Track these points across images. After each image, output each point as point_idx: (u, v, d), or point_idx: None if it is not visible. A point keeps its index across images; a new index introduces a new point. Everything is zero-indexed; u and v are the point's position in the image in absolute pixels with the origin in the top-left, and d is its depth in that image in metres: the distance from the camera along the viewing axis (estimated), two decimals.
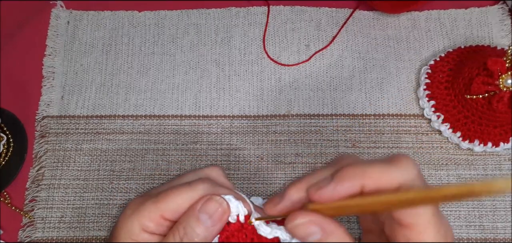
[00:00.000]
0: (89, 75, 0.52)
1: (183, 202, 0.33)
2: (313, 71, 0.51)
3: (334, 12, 0.54)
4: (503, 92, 0.44)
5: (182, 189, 0.34)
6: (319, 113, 0.50)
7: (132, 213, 0.34)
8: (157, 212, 0.33)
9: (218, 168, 0.38)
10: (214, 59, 0.52)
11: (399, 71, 0.51)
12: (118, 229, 0.35)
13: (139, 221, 0.34)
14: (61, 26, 0.54)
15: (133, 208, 0.35)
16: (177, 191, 0.34)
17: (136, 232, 0.34)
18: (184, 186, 0.34)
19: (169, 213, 0.33)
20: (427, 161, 0.48)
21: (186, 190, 0.34)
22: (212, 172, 0.37)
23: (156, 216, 0.33)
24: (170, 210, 0.33)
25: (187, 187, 0.34)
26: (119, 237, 0.34)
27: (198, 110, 0.50)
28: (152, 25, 0.54)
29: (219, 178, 0.37)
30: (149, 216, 0.33)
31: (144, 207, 0.34)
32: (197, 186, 0.34)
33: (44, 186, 0.47)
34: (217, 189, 0.34)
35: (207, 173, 0.37)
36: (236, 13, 0.54)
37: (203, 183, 0.34)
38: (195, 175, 0.37)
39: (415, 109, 0.50)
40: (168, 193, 0.34)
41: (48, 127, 0.50)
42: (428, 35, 0.53)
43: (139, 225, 0.34)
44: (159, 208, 0.33)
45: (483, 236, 0.45)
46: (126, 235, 0.34)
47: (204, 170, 0.38)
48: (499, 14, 0.53)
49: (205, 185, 0.34)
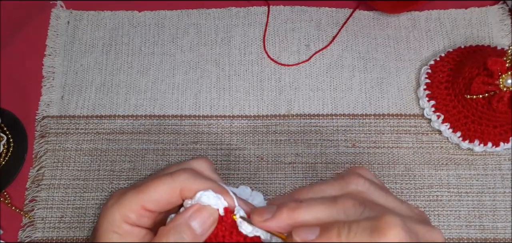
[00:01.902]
0: (89, 75, 0.52)
1: (164, 192, 0.33)
2: (313, 71, 0.51)
3: (334, 12, 0.54)
4: (503, 92, 0.43)
5: (163, 179, 0.34)
6: (319, 113, 0.50)
7: (114, 203, 0.34)
8: (138, 202, 0.33)
9: (205, 161, 0.38)
10: (214, 59, 0.52)
11: (399, 71, 0.51)
12: (101, 219, 0.35)
13: (120, 211, 0.34)
14: (61, 26, 0.54)
15: (115, 198, 0.34)
16: (158, 181, 0.34)
17: (117, 223, 0.34)
18: (166, 176, 0.34)
19: (150, 204, 0.33)
20: (427, 161, 0.48)
21: (167, 180, 0.34)
22: (198, 164, 0.37)
23: (137, 207, 0.33)
24: (151, 200, 0.33)
25: (168, 178, 0.34)
26: (101, 227, 0.34)
27: (198, 110, 0.50)
28: (152, 25, 0.54)
29: (204, 170, 0.37)
30: (131, 207, 0.33)
31: (126, 197, 0.34)
32: (178, 176, 0.34)
33: (44, 186, 0.47)
34: (197, 181, 0.34)
35: (191, 165, 0.37)
36: (236, 13, 0.54)
37: (184, 173, 0.34)
38: (179, 167, 0.37)
39: (415, 109, 0.50)
40: (149, 184, 0.34)
41: (48, 127, 0.50)
42: (428, 35, 0.53)
43: (120, 215, 0.33)
44: (141, 199, 0.33)
45: (483, 236, 0.45)
46: (107, 226, 0.34)
47: (190, 162, 0.37)
48: (499, 14, 0.53)
49: (186, 175, 0.34)
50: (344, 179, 0.33)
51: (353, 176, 0.33)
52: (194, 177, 0.34)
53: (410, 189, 0.47)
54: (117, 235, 0.34)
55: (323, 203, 0.31)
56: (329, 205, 0.30)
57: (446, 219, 0.46)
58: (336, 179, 0.33)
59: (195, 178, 0.34)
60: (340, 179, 0.33)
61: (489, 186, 0.47)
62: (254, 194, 0.38)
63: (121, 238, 0.34)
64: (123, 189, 0.35)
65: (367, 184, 0.33)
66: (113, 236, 0.34)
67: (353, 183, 0.32)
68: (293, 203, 0.31)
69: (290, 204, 0.31)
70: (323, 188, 0.33)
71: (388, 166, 0.48)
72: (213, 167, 0.38)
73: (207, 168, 0.37)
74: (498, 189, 0.47)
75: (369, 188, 0.32)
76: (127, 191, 0.34)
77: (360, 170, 0.34)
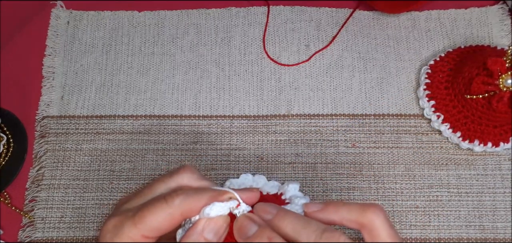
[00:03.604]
0: (89, 75, 0.52)
1: (163, 220, 0.32)
2: (313, 71, 0.51)
3: (334, 12, 0.54)
4: (503, 92, 0.43)
5: (158, 206, 0.33)
6: (319, 113, 0.50)
7: (113, 237, 0.33)
8: (137, 233, 0.32)
9: (189, 170, 0.37)
10: (214, 59, 0.52)
11: (399, 71, 0.51)
12: None
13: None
14: (61, 26, 0.54)
15: (112, 232, 0.33)
16: (154, 209, 0.33)
17: None
18: (160, 203, 0.33)
19: (150, 232, 0.33)
20: (427, 161, 0.48)
21: (163, 207, 0.33)
22: (184, 178, 0.36)
23: (137, 237, 0.33)
24: (151, 229, 0.33)
25: (163, 204, 0.33)
26: None
27: (198, 110, 0.50)
28: (152, 25, 0.54)
29: (193, 182, 0.36)
30: (131, 237, 0.33)
31: (124, 229, 0.33)
32: (173, 201, 0.33)
33: (44, 186, 0.47)
34: (195, 198, 0.33)
35: (178, 182, 0.36)
36: (236, 13, 0.54)
37: (178, 197, 0.33)
38: (166, 187, 0.36)
39: (415, 109, 0.50)
40: (145, 213, 0.33)
41: (48, 127, 0.50)
42: (428, 35, 0.53)
43: None
44: (139, 229, 0.33)
45: (483, 236, 0.45)
46: None
47: (174, 179, 0.36)
48: (499, 14, 0.53)
49: (181, 198, 0.33)
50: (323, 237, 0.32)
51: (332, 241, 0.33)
52: (190, 196, 0.33)
53: (410, 189, 0.47)
54: None
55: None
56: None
57: (446, 219, 0.46)
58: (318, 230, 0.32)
59: (191, 196, 0.33)
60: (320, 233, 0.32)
61: (489, 186, 0.47)
62: (257, 178, 0.38)
63: None
64: (115, 220, 0.34)
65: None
66: None
67: None
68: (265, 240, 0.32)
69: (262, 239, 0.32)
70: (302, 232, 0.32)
71: (388, 166, 0.48)
72: (198, 173, 0.37)
73: (195, 178, 0.36)
74: (498, 189, 0.47)
75: None
76: (124, 221, 0.33)
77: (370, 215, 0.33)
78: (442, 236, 0.45)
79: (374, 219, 0.32)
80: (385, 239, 0.32)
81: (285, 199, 0.36)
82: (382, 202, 0.46)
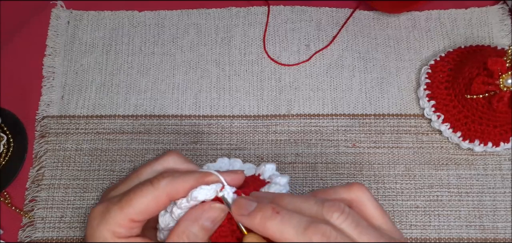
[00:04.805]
0: (89, 75, 0.52)
1: (149, 202, 0.33)
2: (313, 71, 0.51)
3: (334, 12, 0.54)
4: (503, 92, 0.43)
5: (144, 189, 0.33)
6: (319, 113, 0.50)
7: (99, 223, 0.34)
8: (125, 217, 0.33)
9: (175, 154, 0.37)
10: (214, 59, 0.52)
11: (399, 71, 0.51)
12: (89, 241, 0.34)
13: (109, 229, 0.33)
14: (61, 26, 0.54)
15: (98, 218, 0.34)
16: (140, 193, 0.33)
17: (109, 241, 0.33)
18: (146, 186, 0.33)
19: (138, 216, 0.33)
20: (427, 161, 0.48)
21: (149, 189, 0.33)
22: (169, 161, 0.37)
23: (124, 221, 0.33)
24: (138, 212, 0.33)
25: (149, 186, 0.33)
26: None
27: (198, 110, 0.50)
28: (152, 25, 0.54)
29: (179, 165, 0.37)
30: (119, 222, 0.33)
31: (110, 214, 0.33)
32: (159, 183, 0.33)
33: (44, 186, 0.47)
34: (180, 180, 0.34)
35: (164, 166, 0.37)
36: (236, 13, 0.54)
37: (164, 179, 0.34)
38: (153, 170, 0.36)
39: (415, 109, 0.50)
40: (131, 197, 0.33)
41: (48, 127, 0.50)
42: (428, 35, 0.53)
43: (110, 233, 0.33)
44: (126, 213, 0.33)
45: (484, 236, 0.45)
46: None
47: (160, 163, 0.37)
48: (499, 14, 0.53)
49: (166, 180, 0.33)
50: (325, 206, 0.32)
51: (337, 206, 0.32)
52: (176, 178, 0.34)
53: (410, 189, 0.47)
54: None
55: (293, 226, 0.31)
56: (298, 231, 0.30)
57: (446, 219, 0.46)
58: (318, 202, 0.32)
59: (177, 178, 0.34)
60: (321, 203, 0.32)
61: (489, 186, 0.47)
62: (233, 161, 0.39)
63: None
64: (101, 207, 0.34)
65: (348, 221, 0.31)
66: None
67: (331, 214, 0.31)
68: (270, 210, 0.31)
69: (266, 210, 0.31)
70: (303, 206, 0.32)
71: (388, 166, 0.48)
72: (184, 157, 0.38)
73: (180, 161, 0.37)
74: (498, 189, 0.47)
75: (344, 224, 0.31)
76: (110, 207, 0.34)
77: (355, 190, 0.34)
78: (442, 236, 0.45)
79: (361, 195, 0.33)
80: (373, 211, 0.33)
81: (264, 179, 0.37)
82: (383, 202, 0.46)
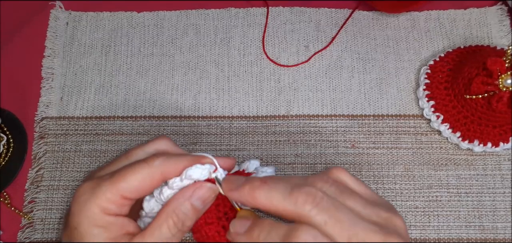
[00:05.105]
0: (88, 76, 0.52)
1: (144, 179, 0.33)
2: (312, 71, 0.51)
3: (333, 12, 0.54)
4: (502, 92, 0.43)
5: (140, 167, 0.33)
6: (318, 113, 0.50)
7: (88, 198, 0.32)
8: (117, 192, 0.32)
9: (167, 138, 0.37)
10: (213, 60, 0.52)
11: (398, 72, 0.51)
12: (76, 217, 0.33)
13: (98, 205, 0.32)
14: (60, 27, 0.54)
15: (87, 194, 0.33)
16: (134, 170, 0.33)
17: (97, 217, 0.32)
18: (140, 164, 0.33)
19: (130, 193, 0.33)
20: (426, 161, 0.48)
21: (144, 167, 0.33)
22: (161, 144, 0.37)
23: (116, 197, 0.32)
24: (131, 189, 0.33)
25: (144, 164, 0.33)
26: (80, 226, 0.32)
27: (198, 111, 0.50)
28: (151, 26, 0.54)
29: (170, 148, 0.37)
30: (109, 198, 0.32)
31: (101, 189, 0.32)
32: (154, 161, 0.33)
33: (43, 188, 0.47)
34: (174, 161, 0.34)
35: (156, 148, 0.36)
36: (235, 14, 0.54)
37: (158, 158, 0.33)
38: (144, 152, 0.36)
39: (414, 110, 0.50)
40: (124, 173, 0.33)
41: (47, 128, 0.50)
42: (428, 35, 0.53)
43: (99, 209, 0.32)
44: (119, 189, 0.32)
45: (483, 237, 0.45)
46: (85, 222, 0.32)
47: (152, 145, 0.37)
48: (498, 14, 0.53)
49: (160, 159, 0.33)
50: (309, 178, 0.33)
51: (320, 177, 0.33)
52: (170, 158, 0.34)
53: (410, 189, 0.47)
54: (101, 229, 0.32)
55: (280, 191, 0.31)
56: (284, 195, 0.31)
57: (445, 219, 0.46)
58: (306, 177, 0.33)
59: (171, 158, 0.34)
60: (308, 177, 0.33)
61: (489, 186, 0.47)
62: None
63: (106, 231, 0.32)
64: (91, 183, 0.33)
65: (332, 188, 0.32)
66: (97, 232, 0.32)
67: (318, 184, 0.32)
68: (258, 181, 0.32)
69: (254, 181, 0.32)
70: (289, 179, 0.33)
71: (387, 167, 0.48)
72: (174, 143, 0.38)
73: (172, 145, 0.37)
74: (498, 189, 0.47)
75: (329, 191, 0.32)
76: (100, 182, 0.33)
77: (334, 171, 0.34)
78: (441, 236, 0.45)
79: (340, 175, 0.34)
80: (356, 187, 0.33)
81: (250, 172, 0.38)
82: None
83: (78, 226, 0.32)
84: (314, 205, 0.30)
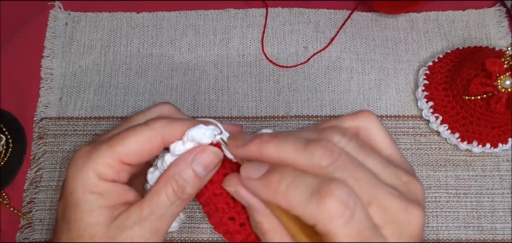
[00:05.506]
0: (88, 77, 0.52)
1: (143, 142, 0.30)
2: (311, 72, 0.52)
3: (332, 13, 0.54)
4: (501, 93, 0.44)
5: (139, 130, 0.31)
6: (317, 114, 0.50)
7: (84, 163, 0.30)
8: (114, 156, 0.30)
9: (169, 103, 0.35)
10: (212, 60, 0.52)
11: (397, 72, 0.51)
12: (71, 182, 0.30)
13: (94, 169, 0.30)
14: (59, 27, 0.54)
15: (84, 157, 0.30)
16: (134, 132, 0.31)
17: (93, 182, 0.30)
18: (141, 126, 0.31)
19: (129, 157, 0.30)
20: (425, 162, 0.48)
21: (144, 129, 0.31)
22: (164, 109, 0.35)
23: (114, 162, 0.30)
24: (130, 152, 0.30)
25: (144, 127, 0.31)
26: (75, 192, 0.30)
27: (197, 112, 0.50)
28: (150, 27, 0.54)
29: (172, 113, 0.35)
30: (107, 162, 0.30)
31: (98, 153, 0.30)
32: (155, 124, 0.31)
33: (42, 188, 0.47)
34: (176, 124, 0.31)
35: (158, 112, 0.34)
36: (234, 14, 0.54)
37: (160, 120, 0.31)
38: (145, 116, 0.34)
39: (413, 110, 0.50)
40: (124, 135, 0.30)
41: (46, 128, 0.49)
42: (426, 36, 0.53)
43: (95, 173, 0.30)
44: (117, 152, 0.30)
45: (482, 238, 0.45)
46: (83, 188, 0.30)
47: (154, 111, 0.35)
48: (497, 15, 0.53)
49: (162, 122, 0.31)
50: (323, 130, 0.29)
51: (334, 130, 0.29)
52: (172, 122, 0.31)
53: None
54: (96, 196, 0.30)
55: (293, 145, 0.28)
56: (298, 149, 0.28)
57: (444, 220, 0.46)
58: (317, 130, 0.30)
59: (173, 121, 0.31)
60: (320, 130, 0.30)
61: (488, 187, 0.47)
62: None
63: (102, 198, 0.30)
64: (88, 147, 0.31)
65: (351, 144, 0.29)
66: (92, 198, 0.30)
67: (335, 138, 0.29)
68: (267, 136, 0.29)
69: (263, 136, 0.29)
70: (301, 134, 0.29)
71: None
72: (178, 108, 0.36)
73: (175, 110, 0.35)
74: (497, 190, 0.47)
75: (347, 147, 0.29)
76: (98, 146, 0.30)
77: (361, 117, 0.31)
78: (440, 237, 0.45)
79: (368, 122, 0.31)
80: (382, 139, 0.31)
81: None
82: None
83: (73, 191, 0.30)
84: (331, 161, 0.27)
